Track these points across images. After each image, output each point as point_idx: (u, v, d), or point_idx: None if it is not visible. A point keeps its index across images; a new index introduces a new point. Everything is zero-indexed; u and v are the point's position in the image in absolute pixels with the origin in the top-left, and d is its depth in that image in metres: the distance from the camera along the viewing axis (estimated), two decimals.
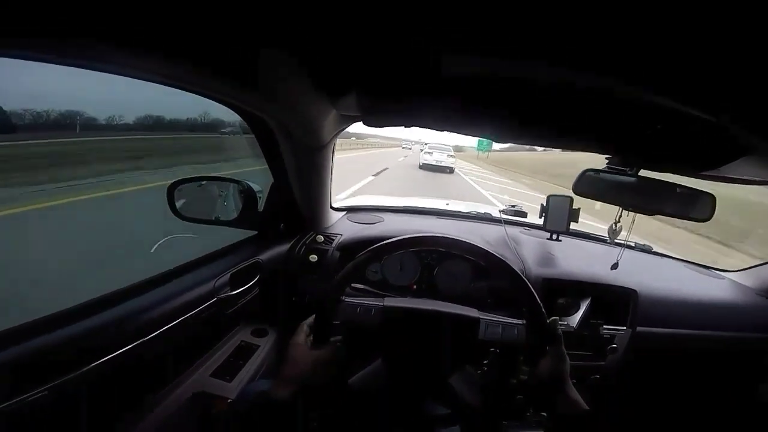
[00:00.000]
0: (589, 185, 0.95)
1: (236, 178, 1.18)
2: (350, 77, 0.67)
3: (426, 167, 15.78)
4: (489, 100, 0.61)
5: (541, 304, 0.75)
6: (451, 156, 16.61)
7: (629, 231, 1.15)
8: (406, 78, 0.59)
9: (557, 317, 0.74)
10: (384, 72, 0.59)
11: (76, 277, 2.18)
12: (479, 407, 0.77)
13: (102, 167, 4.54)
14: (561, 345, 0.72)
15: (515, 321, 0.79)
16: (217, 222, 1.17)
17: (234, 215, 1.16)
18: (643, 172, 0.93)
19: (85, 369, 0.63)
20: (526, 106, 0.62)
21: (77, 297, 0.73)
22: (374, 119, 0.79)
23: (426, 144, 20.24)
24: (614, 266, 1.19)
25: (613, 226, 1.08)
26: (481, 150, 32.37)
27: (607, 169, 0.94)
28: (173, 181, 1.14)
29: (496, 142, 0.78)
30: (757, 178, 0.78)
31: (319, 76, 0.68)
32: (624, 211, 0.98)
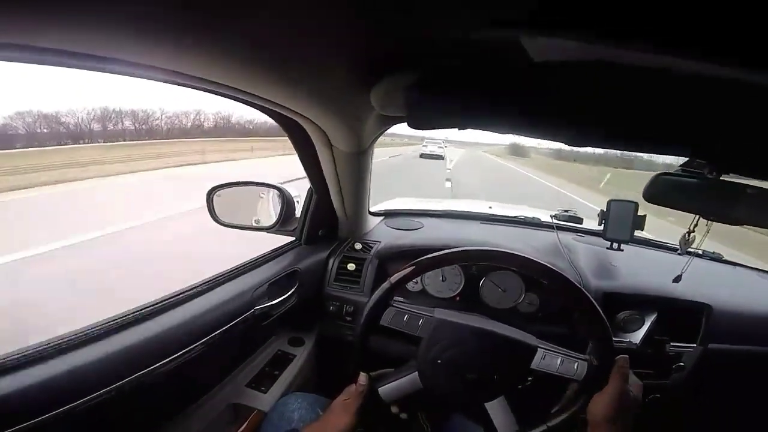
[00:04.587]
0: (662, 191, 0.84)
1: (274, 183, 1.15)
2: (393, 66, 0.58)
3: (424, 156, 22.46)
4: (570, 95, 0.51)
5: (610, 329, 0.68)
6: (441, 147, 24.65)
7: (702, 239, 1.03)
8: (470, 65, 0.50)
9: (626, 356, 0.67)
10: (437, 58, 0.51)
11: None
12: None
13: None
14: (627, 383, 0.66)
15: (577, 355, 0.71)
16: (256, 228, 1.15)
17: (272, 221, 1.14)
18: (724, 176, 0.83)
19: (122, 382, 0.63)
20: (620, 102, 0.51)
21: None
22: (421, 119, 0.67)
23: (423, 138, 28.86)
24: (677, 279, 1.07)
25: (686, 236, 0.97)
26: None
27: (682, 173, 0.84)
28: (212, 186, 1.13)
29: (569, 145, 0.67)
30: None
31: (355, 67, 0.59)
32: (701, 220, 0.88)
